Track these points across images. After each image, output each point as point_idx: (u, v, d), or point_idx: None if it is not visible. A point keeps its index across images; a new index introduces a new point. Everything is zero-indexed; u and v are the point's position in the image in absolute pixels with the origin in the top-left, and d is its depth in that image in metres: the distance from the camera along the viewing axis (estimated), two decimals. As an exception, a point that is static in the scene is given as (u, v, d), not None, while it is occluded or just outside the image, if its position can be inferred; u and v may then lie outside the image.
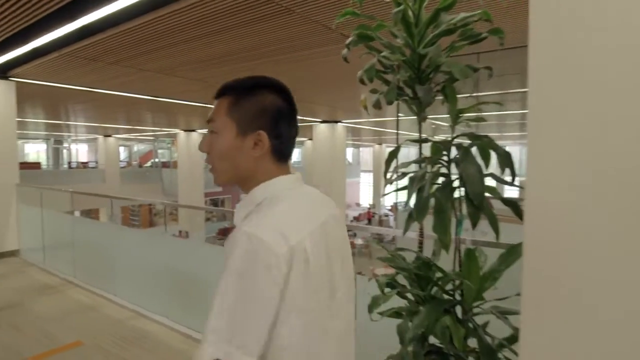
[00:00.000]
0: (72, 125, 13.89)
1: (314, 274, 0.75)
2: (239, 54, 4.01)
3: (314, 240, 0.76)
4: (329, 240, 0.80)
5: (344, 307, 0.84)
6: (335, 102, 7.56)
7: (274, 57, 4.11)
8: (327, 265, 0.79)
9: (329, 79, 5.28)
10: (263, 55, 4.04)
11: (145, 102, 6.98)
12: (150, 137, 19.19)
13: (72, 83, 5.40)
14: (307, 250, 0.74)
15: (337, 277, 0.82)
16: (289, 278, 0.71)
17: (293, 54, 4.00)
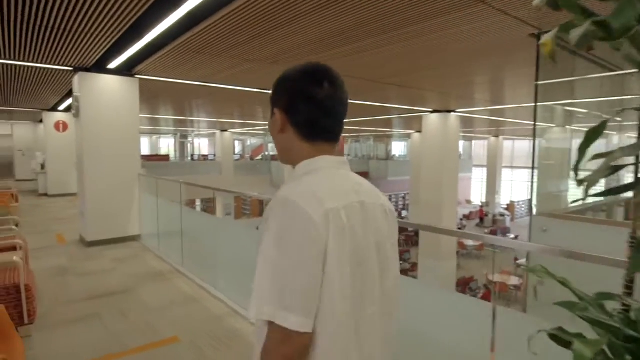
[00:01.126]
0: (195, 120, 15.16)
1: (351, 244, 0.78)
2: (342, 35, 3.63)
3: (350, 213, 0.79)
4: (369, 222, 0.83)
5: (378, 296, 0.84)
6: (448, 88, 6.78)
7: (380, 36, 3.64)
8: (364, 245, 0.81)
9: (441, 60, 4.63)
10: (369, 34, 3.60)
11: (253, 95, 7.08)
12: (262, 132, 20.18)
13: (186, 78, 5.62)
14: (343, 218, 0.77)
15: (372, 264, 0.83)
16: (328, 240, 0.74)
17: (402, 30, 3.49)
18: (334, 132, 0.90)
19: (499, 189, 26.14)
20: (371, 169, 25.21)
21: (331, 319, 0.75)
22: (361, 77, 5.48)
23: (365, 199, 0.85)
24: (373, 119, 13.04)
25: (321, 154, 0.88)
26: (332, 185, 0.83)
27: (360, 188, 0.87)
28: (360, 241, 0.81)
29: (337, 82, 0.88)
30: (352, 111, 10.55)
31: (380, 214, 0.87)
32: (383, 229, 0.87)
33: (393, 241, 0.91)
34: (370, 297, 0.83)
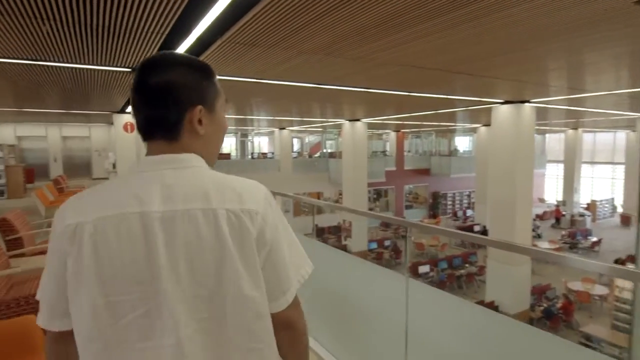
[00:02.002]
0: (254, 119, 15.34)
1: (98, 264, 0.73)
2: (404, 16, 3.21)
3: (107, 226, 0.74)
4: (160, 234, 0.74)
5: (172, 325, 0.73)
6: (524, 76, 6.03)
7: (448, 14, 3.17)
8: (134, 265, 0.73)
9: (520, 41, 4.01)
10: (435, 13, 3.14)
11: (311, 90, 6.83)
12: (319, 129, 20.07)
13: (242, 75, 5.49)
14: (85, 234, 0.73)
15: (159, 286, 0.73)
16: (69, 255, 0.74)
17: (476, 4, 2.99)
18: (150, 125, 0.82)
19: (577, 186, 23.79)
20: (432, 165, 24.16)
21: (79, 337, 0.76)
22: (425, 67, 4.98)
23: (161, 208, 0.75)
24: (436, 112, 12.29)
25: (150, 154, 0.82)
26: (101, 196, 0.79)
27: (168, 192, 0.76)
28: (112, 268, 0.73)
29: (145, 68, 0.82)
30: (413, 105, 9.96)
31: (200, 222, 0.75)
32: (200, 244, 0.75)
33: (232, 255, 0.75)
34: (147, 329, 0.74)
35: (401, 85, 6.46)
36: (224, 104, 0.93)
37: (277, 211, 0.82)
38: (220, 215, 0.75)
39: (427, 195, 24.93)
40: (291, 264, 0.81)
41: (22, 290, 2.41)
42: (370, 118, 13.98)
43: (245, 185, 0.82)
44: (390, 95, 7.42)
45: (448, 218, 23.19)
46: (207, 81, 0.87)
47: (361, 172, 14.30)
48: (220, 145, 0.94)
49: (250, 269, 0.77)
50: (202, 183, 0.79)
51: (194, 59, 0.88)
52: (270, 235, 0.79)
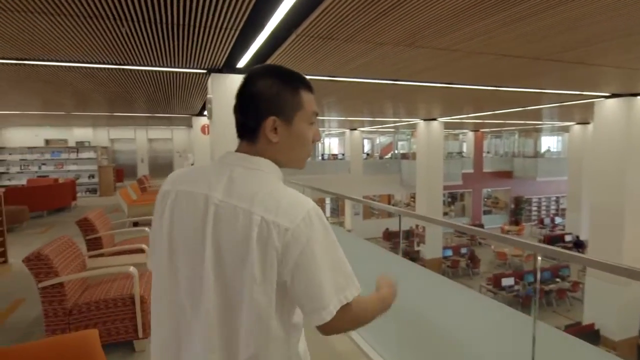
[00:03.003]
0: (325, 120, 15.24)
1: (168, 228, 0.91)
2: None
3: (181, 199, 0.90)
4: (208, 220, 0.85)
5: (205, 301, 0.85)
6: (634, 63, 5.08)
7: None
8: (182, 237, 0.88)
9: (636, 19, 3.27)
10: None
11: (385, 87, 6.44)
12: (391, 130, 19.45)
13: (315, 72, 5.27)
14: (168, 201, 0.92)
15: (194, 263, 0.86)
16: (157, 213, 0.95)
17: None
18: (239, 128, 0.96)
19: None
20: (515, 167, 22.33)
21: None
22: (516, 55, 4.35)
23: (221, 196, 0.86)
24: (522, 110, 11.17)
25: (236, 150, 0.97)
26: (191, 173, 0.95)
27: (229, 187, 0.88)
28: (179, 230, 0.89)
29: (246, 77, 0.96)
30: (497, 101, 9.09)
31: (240, 220, 0.83)
32: (234, 238, 0.83)
33: (253, 259, 0.81)
34: (187, 293, 0.87)
35: (489, 78, 5.80)
36: (309, 117, 0.98)
37: (319, 232, 0.84)
38: (255, 220, 0.82)
39: (508, 199, 23.08)
40: (329, 285, 0.83)
41: (95, 294, 2.37)
42: (446, 117, 13.15)
43: (290, 201, 0.85)
44: (474, 90, 6.76)
45: (533, 225, 21.24)
46: (290, 94, 0.95)
47: (436, 175, 13.50)
48: (301, 154, 1.00)
49: (265, 277, 0.81)
50: (257, 187, 0.87)
51: (287, 72, 0.98)
52: (297, 254, 0.81)
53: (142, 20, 3.18)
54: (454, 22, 3.24)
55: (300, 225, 0.82)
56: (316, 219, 0.84)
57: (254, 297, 0.82)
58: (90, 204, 10.28)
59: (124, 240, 3.84)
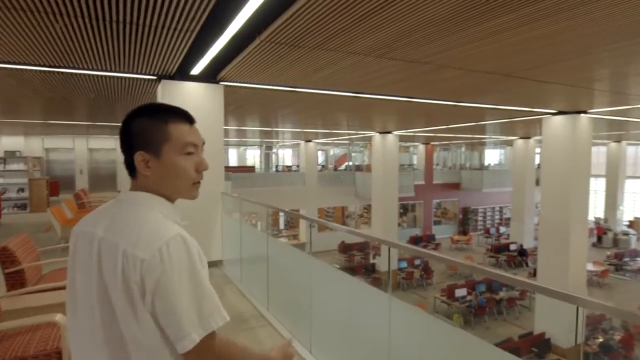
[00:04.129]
0: (280, 131, 14.93)
1: (71, 265, 0.95)
2: (471, 11, 2.60)
3: (79, 238, 0.95)
4: (92, 256, 0.89)
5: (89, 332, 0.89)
6: (585, 82, 5.28)
7: (522, 9, 2.54)
8: (77, 273, 0.93)
9: (593, 41, 3.32)
10: (507, 7, 2.52)
11: (347, 100, 6.26)
12: (346, 141, 19.49)
13: (276, 82, 4.97)
14: (73, 239, 0.96)
15: (83, 297, 0.91)
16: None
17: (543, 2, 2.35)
18: (125, 166, 0.98)
19: (620, 202, 22.31)
20: (463, 179, 23.20)
21: None
22: (484, 70, 4.33)
23: (102, 234, 0.90)
24: (472, 124, 11.55)
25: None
26: (94, 212, 0.98)
27: (110, 223, 0.91)
28: (78, 271, 0.92)
29: (124, 118, 0.98)
30: (452, 116, 9.27)
31: (113, 255, 0.86)
32: (112, 274, 0.85)
33: (119, 289, 0.84)
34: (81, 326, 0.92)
35: (450, 93, 5.81)
36: (181, 147, 0.97)
37: (178, 261, 0.83)
38: (120, 254, 0.84)
39: (456, 210, 23.90)
40: (190, 313, 0.82)
41: (10, 349, 1.86)
42: (401, 130, 13.33)
43: (150, 231, 0.86)
44: (431, 105, 6.77)
45: (480, 235, 22.08)
46: (156, 128, 0.95)
47: (391, 187, 13.61)
48: (180, 185, 0.99)
49: (136, 311, 0.82)
50: (127, 220, 0.90)
51: (155, 107, 0.98)
52: (153, 284, 0.81)
53: (81, 15, 2.72)
54: (430, 33, 3.09)
55: (156, 255, 0.82)
56: (175, 249, 0.84)
57: (132, 334, 0.83)
58: (18, 222, 9.17)
59: (53, 271, 3.27)
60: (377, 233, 13.80)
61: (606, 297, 13.54)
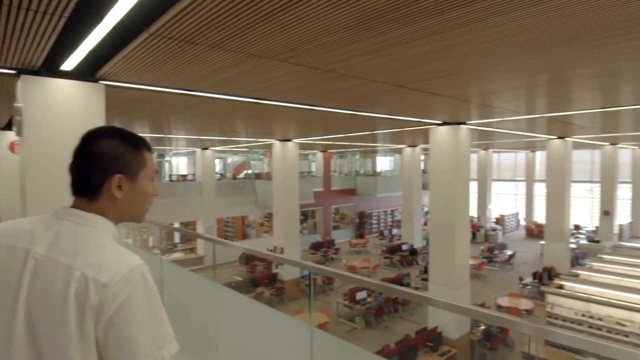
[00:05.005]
0: (173, 138, 13.91)
1: None
2: (374, 20, 2.61)
3: (2, 251, 0.91)
4: (25, 274, 0.85)
5: None
6: (463, 96, 5.84)
7: (426, 20, 2.64)
8: (4, 285, 0.87)
9: (491, 56, 3.66)
10: (414, 17, 2.59)
11: (247, 106, 5.98)
12: (245, 149, 19.01)
13: (169, 84, 4.49)
14: None
15: (17, 314, 0.84)
16: None
17: (462, 10, 2.49)
18: (77, 185, 0.98)
19: (489, 202, 25.62)
20: (358, 185, 24.37)
21: None
22: (384, 81, 4.46)
23: (43, 252, 0.87)
24: (368, 133, 12.14)
25: (71, 206, 0.98)
26: (15, 226, 0.94)
27: (54, 242, 0.88)
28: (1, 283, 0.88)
29: (86, 137, 0.99)
30: (349, 125, 9.58)
31: (59, 276, 0.83)
32: (50, 294, 0.83)
33: (69, 316, 0.81)
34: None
35: (352, 102, 5.92)
36: (151, 174, 1.05)
37: (140, 290, 0.84)
38: (74, 276, 0.82)
39: (353, 215, 24.99)
40: (147, 344, 0.82)
41: None
42: (301, 138, 13.43)
43: (113, 258, 0.87)
44: (332, 113, 6.86)
45: (375, 237, 23.36)
46: (134, 154, 1.01)
47: (293, 194, 13.59)
48: (142, 209, 1.06)
49: (82, 334, 0.81)
50: (83, 243, 0.89)
51: (130, 134, 1.03)
52: (112, 310, 0.81)
53: None
54: (334, 40, 3.02)
55: (120, 282, 0.82)
56: (139, 278, 0.84)
57: (69, 355, 0.81)
58: None
59: None
60: (279, 241, 13.63)
61: (482, 286, 15.28)
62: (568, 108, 7.43)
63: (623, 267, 10.61)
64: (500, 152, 28.63)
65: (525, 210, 27.71)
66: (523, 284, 13.94)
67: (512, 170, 30.16)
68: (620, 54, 3.64)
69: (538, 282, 13.50)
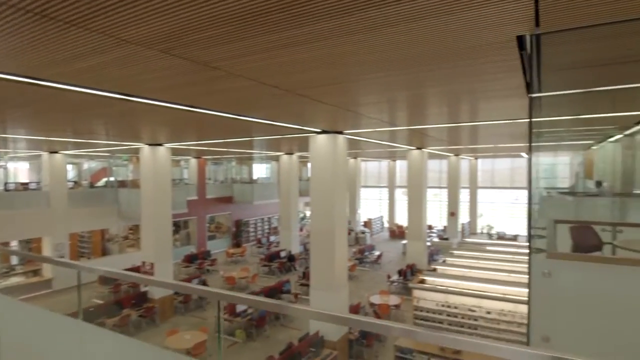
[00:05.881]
0: (9, 139, 11.49)
1: None
2: (262, 17, 2.48)
3: None
4: None
5: None
6: (344, 105, 6.11)
7: (316, 24, 2.61)
8: None
9: (379, 65, 3.83)
10: (304, 17, 2.52)
11: (112, 102, 5.19)
12: (106, 154, 16.82)
13: (8, 68, 3.59)
14: None
15: None
16: None
17: (353, 17, 2.53)
18: None
19: (358, 207, 27.53)
20: (235, 193, 23.75)
21: None
22: (272, 84, 4.32)
23: None
24: (246, 140, 11.86)
25: None
26: None
27: None
28: None
29: None
30: (225, 130, 9.19)
31: None
32: None
33: None
34: None
35: (236, 105, 5.62)
36: None
37: None
38: None
39: (230, 223, 24.21)
40: None
41: None
42: (174, 143, 12.43)
43: None
44: (213, 117, 6.44)
45: (252, 245, 22.99)
46: None
47: (164, 204, 12.47)
48: None
49: None
50: None
51: None
52: None
53: None
54: (223, 32, 2.75)
55: None
56: None
57: None
58: None
59: None
60: (148, 256, 12.32)
61: (355, 285, 16.19)
62: (424, 122, 8.37)
63: (469, 260, 12.38)
64: (367, 161, 31.13)
65: (388, 214, 30.62)
66: (390, 282, 15.21)
67: (376, 177, 33.06)
68: (457, 76, 4.15)
69: (403, 278, 14.89)
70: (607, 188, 8.17)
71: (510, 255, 12.97)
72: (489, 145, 15.95)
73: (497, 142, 14.54)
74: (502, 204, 28.44)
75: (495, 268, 11.30)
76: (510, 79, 4.34)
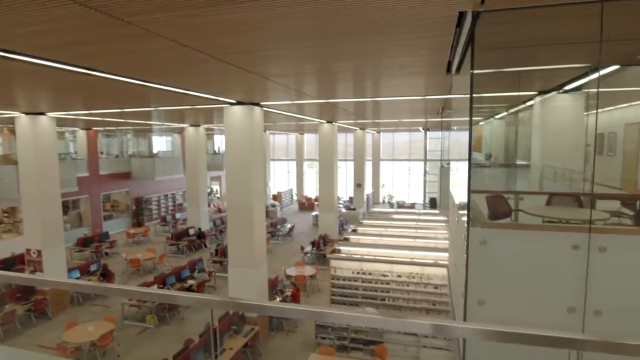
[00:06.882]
0: None
1: None
2: None
3: None
4: None
5: None
6: (268, 74, 5.83)
7: None
8: None
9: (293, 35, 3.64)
10: None
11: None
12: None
13: None
14: None
15: None
16: None
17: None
18: None
19: (268, 180, 27.32)
20: (134, 168, 21.80)
21: None
22: (195, 48, 3.85)
23: None
24: (154, 109, 10.79)
25: None
26: None
27: None
28: None
29: None
30: (126, 98, 8.23)
31: None
32: None
33: None
34: None
35: (149, 70, 4.95)
36: None
37: None
38: None
39: (129, 202, 22.24)
40: None
41: None
42: (60, 112, 10.78)
43: None
44: (114, 82, 5.61)
45: (156, 224, 21.52)
46: None
47: (50, 181, 10.87)
48: None
49: None
50: None
51: None
52: None
53: None
54: None
55: None
56: None
57: None
58: None
59: None
60: (33, 242, 10.72)
61: (272, 260, 16.18)
62: (340, 96, 8.42)
63: (378, 229, 13.13)
64: (275, 134, 30.83)
65: (297, 186, 31.01)
66: (304, 253, 15.51)
67: (285, 151, 33.05)
68: (386, 50, 4.19)
69: (316, 249, 15.29)
70: (494, 160, 9.22)
71: (413, 222, 14.08)
72: (393, 120, 16.85)
73: (401, 117, 15.40)
74: (400, 175, 30.62)
75: (402, 235, 12.17)
76: (434, 56, 4.48)
